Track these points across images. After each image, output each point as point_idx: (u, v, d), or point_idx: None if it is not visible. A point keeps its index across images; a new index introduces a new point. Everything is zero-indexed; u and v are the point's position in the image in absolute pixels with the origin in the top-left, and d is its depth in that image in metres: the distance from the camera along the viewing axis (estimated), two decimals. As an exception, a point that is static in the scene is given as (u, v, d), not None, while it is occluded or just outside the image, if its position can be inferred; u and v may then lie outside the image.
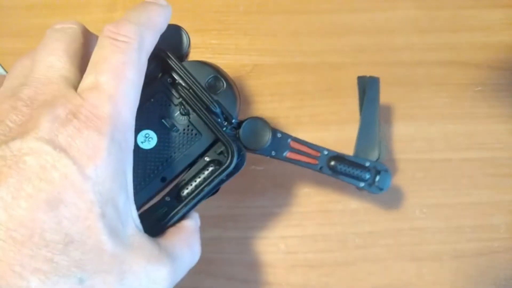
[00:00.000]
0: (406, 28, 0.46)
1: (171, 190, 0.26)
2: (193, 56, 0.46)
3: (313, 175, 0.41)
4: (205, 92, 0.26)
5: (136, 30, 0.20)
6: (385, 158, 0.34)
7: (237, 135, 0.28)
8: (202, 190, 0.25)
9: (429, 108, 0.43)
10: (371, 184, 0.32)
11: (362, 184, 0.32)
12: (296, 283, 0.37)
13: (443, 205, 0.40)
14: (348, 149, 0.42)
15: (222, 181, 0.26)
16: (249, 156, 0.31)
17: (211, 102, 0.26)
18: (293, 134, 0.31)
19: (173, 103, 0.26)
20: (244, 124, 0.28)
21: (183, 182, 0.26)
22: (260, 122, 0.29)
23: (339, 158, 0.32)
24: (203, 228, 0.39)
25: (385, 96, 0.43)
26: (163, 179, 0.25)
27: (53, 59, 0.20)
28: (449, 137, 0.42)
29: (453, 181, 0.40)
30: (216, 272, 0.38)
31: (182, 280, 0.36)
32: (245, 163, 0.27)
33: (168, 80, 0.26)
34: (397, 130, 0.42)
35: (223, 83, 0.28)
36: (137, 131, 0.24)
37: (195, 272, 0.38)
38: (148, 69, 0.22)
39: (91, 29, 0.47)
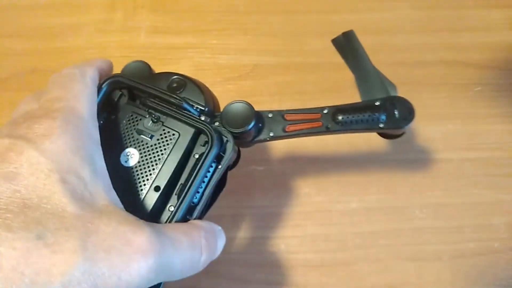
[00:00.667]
0: (406, 28, 0.46)
1: (172, 199, 0.26)
2: (194, 55, 0.46)
3: (313, 175, 0.41)
4: (165, 92, 0.27)
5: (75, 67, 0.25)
6: (398, 93, 0.31)
7: (220, 122, 0.28)
8: (192, 182, 0.25)
9: (429, 108, 0.43)
10: (392, 120, 0.28)
11: (381, 125, 0.28)
12: (296, 283, 0.37)
13: (443, 205, 0.40)
14: (346, 149, 0.42)
15: (216, 168, 0.26)
16: (249, 156, 0.31)
17: (174, 98, 0.27)
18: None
19: (143, 116, 0.27)
20: (224, 109, 0.28)
21: (181, 186, 0.26)
22: (240, 104, 0.28)
23: (343, 109, 0.29)
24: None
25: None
26: (157, 188, 0.25)
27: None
28: (449, 137, 0.42)
29: (453, 181, 0.40)
30: (216, 272, 0.38)
31: (182, 280, 0.36)
32: (233, 147, 0.26)
33: (128, 99, 0.28)
34: (397, 130, 0.42)
35: (184, 81, 0.28)
36: (118, 153, 0.26)
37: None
38: (108, 96, 0.27)
39: (91, 29, 0.48)
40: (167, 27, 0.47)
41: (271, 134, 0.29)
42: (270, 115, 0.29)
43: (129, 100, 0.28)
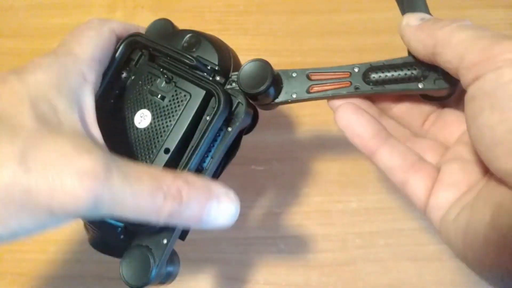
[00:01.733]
0: (406, 28, 0.46)
1: (183, 161, 0.25)
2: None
3: (313, 175, 0.41)
4: (177, 51, 0.26)
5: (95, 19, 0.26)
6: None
7: (237, 83, 0.26)
8: (199, 145, 0.24)
9: (429, 108, 0.43)
10: (434, 78, 0.24)
11: (421, 85, 0.25)
12: (296, 283, 0.37)
13: (443, 205, 0.40)
14: (346, 149, 0.42)
15: (227, 132, 0.25)
16: (249, 156, 0.31)
17: (186, 57, 0.26)
18: (295, 131, 0.31)
19: (156, 76, 0.26)
20: (241, 68, 0.26)
21: (192, 148, 0.25)
22: (257, 62, 0.26)
23: (376, 67, 0.27)
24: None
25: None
26: (167, 150, 0.25)
27: None
28: (449, 137, 0.42)
29: (453, 181, 0.40)
30: (216, 272, 0.38)
31: (182, 280, 0.36)
32: (245, 109, 0.25)
33: (144, 58, 0.27)
34: (397, 130, 0.42)
35: (199, 38, 0.27)
36: (133, 114, 0.26)
37: (195, 272, 0.39)
38: (128, 56, 0.27)
39: (91, 29, 0.47)
40: (167, 27, 0.47)
41: (294, 96, 0.27)
42: (293, 75, 0.27)
43: (149, 60, 0.27)
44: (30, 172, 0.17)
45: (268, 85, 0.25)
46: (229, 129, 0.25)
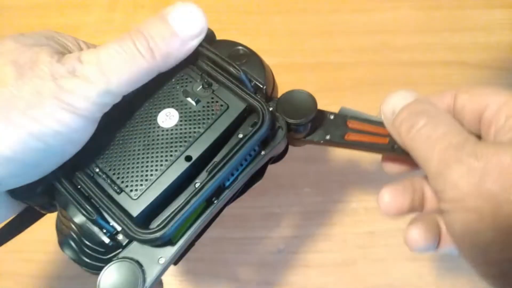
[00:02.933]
0: (406, 28, 0.46)
1: (202, 175, 0.23)
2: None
3: (313, 175, 0.41)
4: (225, 59, 0.24)
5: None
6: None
7: (275, 109, 0.25)
8: (227, 162, 0.22)
9: (429, 108, 0.43)
10: None
11: None
12: (296, 283, 0.37)
13: (443, 205, 0.40)
14: (346, 149, 0.42)
15: (259, 154, 0.23)
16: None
17: (233, 66, 0.24)
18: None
19: (193, 78, 0.25)
20: (283, 95, 0.25)
21: (214, 164, 0.23)
22: (303, 93, 0.25)
23: None
24: (203, 228, 0.39)
25: (386, 96, 0.43)
26: (188, 158, 0.23)
27: None
28: (449, 137, 0.42)
29: (453, 181, 0.40)
30: (216, 272, 0.38)
31: (183, 280, 0.36)
32: (284, 135, 0.24)
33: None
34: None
35: (247, 53, 0.26)
36: (157, 111, 0.24)
37: (195, 272, 0.39)
38: None
39: (91, 29, 0.48)
40: (167, 27, 0.47)
41: (327, 137, 0.26)
42: (331, 117, 0.26)
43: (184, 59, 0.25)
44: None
45: (311, 118, 0.24)
46: (263, 152, 0.23)
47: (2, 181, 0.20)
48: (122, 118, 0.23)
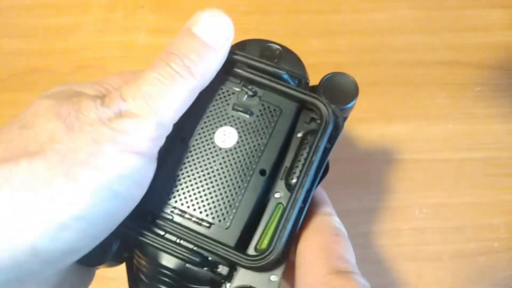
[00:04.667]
0: (406, 28, 0.46)
1: (278, 185, 0.22)
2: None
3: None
4: (263, 62, 0.23)
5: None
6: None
7: (318, 95, 0.24)
8: (309, 167, 0.21)
9: (429, 108, 0.43)
10: None
11: None
12: (296, 283, 0.37)
13: (443, 205, 0.40)
14: (346, 150, 0.42)
15: (327, 150, 0.22)
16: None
17: (273, 67, 0.23)
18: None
19: (237, 90, 0.23)
20: (323, 81, 0.24)
21: (287, 170, 0.22)
22: (343, 77, 0.24)
23: None
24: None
25: (385, 96, 0.43)
26: (263, 172, 0.22)
27: None
28: (449, 137, 0.42)
29: (453, 181, 0.40)
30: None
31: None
32: (342, 123, 0.23)
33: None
34: (397, 130, 0.42)
35: (279, 49, 0.25)
36: (212, 133, 0.23)
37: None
38: None
39: (91, 29, 0.48)
40: (167, 27, 0.47)
41: None
42: None
43: (223, 72, 0.24)
44: None
45: (355, 100, 0.23)
46: (328, 145, 0.23)
47: (76, 247, 0.19)
48: (177, 151, 0.22)
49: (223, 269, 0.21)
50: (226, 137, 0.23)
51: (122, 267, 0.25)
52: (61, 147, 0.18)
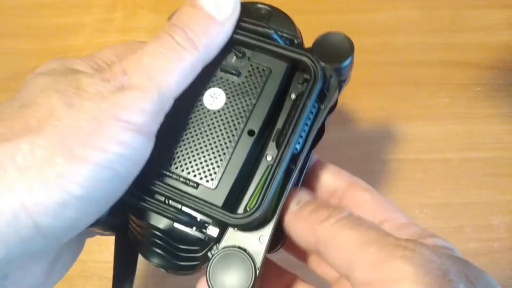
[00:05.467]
0: (406, 28, 0.46)
1: (270, 146, 0.22)
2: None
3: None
4: (251, 22, 0.23)
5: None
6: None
7: (313, 55, 0.23)
8: (296, 126, 0.21)
9: (429, 108, 0.43)
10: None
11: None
12: (296, 283, 0.37)
13: (443, 205, 0.40)
14: (346, 150, 0.42)
15: (319, 110, 0.22)
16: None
17: (262, 26, 0.23)
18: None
19: (224, 50, 0.23)
20: (317, 40, 0.24)
21: (278, 132, 0.22)
22: (337, 35, 0.24)
23: None
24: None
25: (385, 96, 0.43)
26: (251, 133, 0.22)
27: None
28: (449, 137, 0.42)
29: (453, 181, 0.40)
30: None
31: (182, 279, 0.36)
32: (337, 82, 0.23)
33: None
34: (397, 130, 0.42)
35: (269, 10, 0.24)
36: (201, 95, 0.23)
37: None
38: None
39: (91, 29, 0.48)
40: (167, 27, 0.47)
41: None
42: None
43: None
44: None
45: (351, 58, 0.23)
46: (322, 106, 0.22)
47: (77, 223, 0.19)
48: (170, 114, 0.22)
49: (212, 230, 0.21)
50: (214, 98, 0.23)
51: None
52: (61, 125, 0.18)
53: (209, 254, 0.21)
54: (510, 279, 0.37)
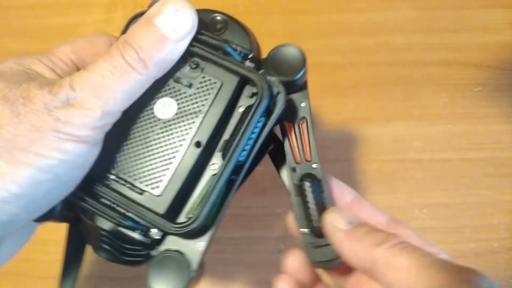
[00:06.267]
0: (406, 28, 0.46)
1: (215, 157, 0.23)
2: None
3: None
4: (205, 33, 0.23)
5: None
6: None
7: (266, 69, 0.24)
8: (240, 140, 0.22)
9: (429, 108, 0.43)
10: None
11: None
12: (296, 283, 0.37)
13: (443, 205, 0.40)
14: (346, 150, 0.42)
15: (262, 123, 0.23)
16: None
17: (215, 39, 0.23)
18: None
19: (179, 61, 0.23)
20: (270, 53, 0.24)
21: (225, 143, 0.23)
22: (290, 48, 0.24)
23: None
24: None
25: (385, 96, 0.43)
26: (198, 144, 0.22)
27: None
28: (449, 137, 0.42)
29: (453, 181, 0.40)
30: (216, 272, 0.38)
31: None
32: (284, 98, 0.23)
33: None
34: (397, 130, 0.42)
35: (226, 20, 0.25)
36: (152, 104, 0.23)
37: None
38: None
39: (91, 29, 0.48)
40: (167, 27, 0.47)
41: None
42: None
43: None
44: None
45: (304, 71, 0.24)
46: (268, 121, 0.23)
47: (18, 218, 0.20)
48: (119, 121, 0.22)
49: (156, 233, 0.22)
50: (165, 108, 0.23)
51: (121, 267, 0.25)
52: (5, 132, 0.19)
53: (152, 252, 0.23)
54: (510, 279, 0.37)
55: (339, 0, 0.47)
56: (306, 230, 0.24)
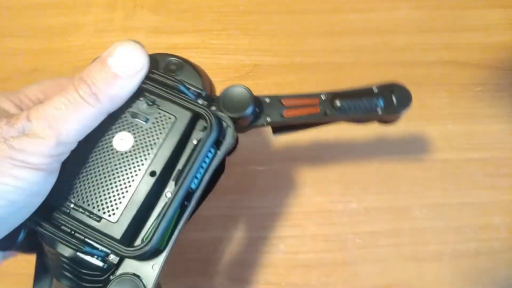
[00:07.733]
0: (406, 28, 0.46)
1: (169, 185, 0.25)
2: (194, 55, 0.46)
3: (313, 175, 0.41)
4: (161, 74, 0.26)
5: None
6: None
7: (218, 106, 0.27)
8: (190, 170, 0.24)
9: (429, 108, 0.43)
10: (390, 105, 0.28)
11: (380, 111, 0.28)
12: (296, 283, 0.37)
13: (443, 205, 0.40)
14: (346, 150, 0.42)
15: (212, 154, 0.25)
16: (249, 156, 0.31)
17: (170, 80, 0.26)
18: (293, 135, 0.31)
19: (137, 98, 0.26)
20: (222, 93, 0.27)
21: (178, 172, 0.25)
22: (238, 88, 0.27)
23: (341, 94, 0.29)
24: (204, 228, 0.39)
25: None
26: (153, 173, 0.25)
27: None
28: (449, 137, 0.42)
29: (453, 181, 0.40)
30: (216, 272, 0.38)
31: (181, 279, 0.36)
32: (233, 133, 0.26)
33: None
34: (397, 130, 0.42)
35: (181, 63, 0.28)
36: (111, 137, 0.25)
37: (195, 272, 0.39)
38: None
39: (91, 29, 0.48)
40: (167, 27, 0.47)
41: (268, 120, 0.28)
42: (267, 100, 0.28)
43: None
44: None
45: (252, 109, 0.27)
46: (218, 152, 0.26)
47: None
48: (78, 152, 0.24)
49: (113, 258, 0.24)
50: (123, 141, 0.25)
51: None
52: None
53: (111, 277, 0.24)
54: (510, 279, 0.37)
55: (339, 0, 0.47)
56: None
